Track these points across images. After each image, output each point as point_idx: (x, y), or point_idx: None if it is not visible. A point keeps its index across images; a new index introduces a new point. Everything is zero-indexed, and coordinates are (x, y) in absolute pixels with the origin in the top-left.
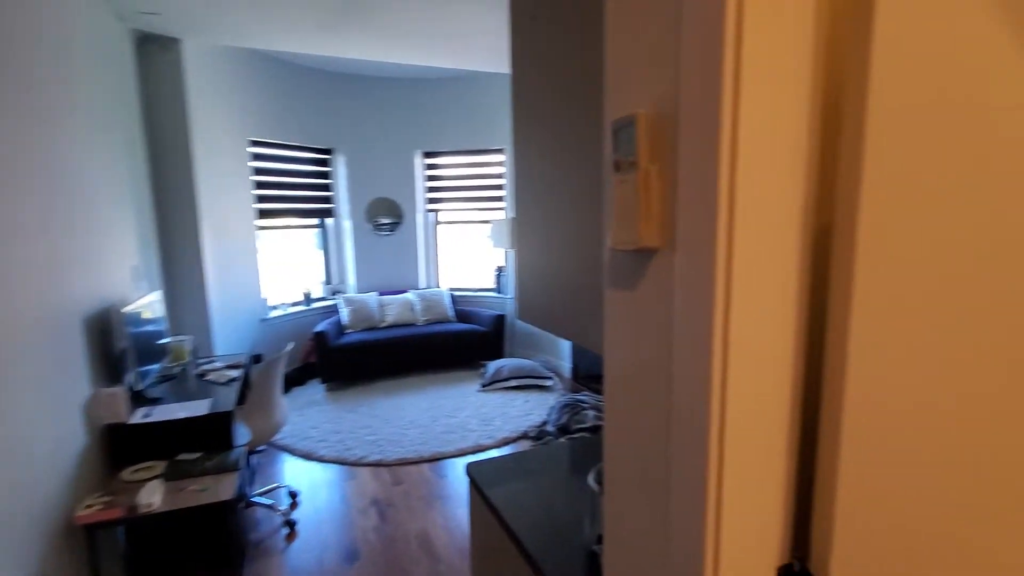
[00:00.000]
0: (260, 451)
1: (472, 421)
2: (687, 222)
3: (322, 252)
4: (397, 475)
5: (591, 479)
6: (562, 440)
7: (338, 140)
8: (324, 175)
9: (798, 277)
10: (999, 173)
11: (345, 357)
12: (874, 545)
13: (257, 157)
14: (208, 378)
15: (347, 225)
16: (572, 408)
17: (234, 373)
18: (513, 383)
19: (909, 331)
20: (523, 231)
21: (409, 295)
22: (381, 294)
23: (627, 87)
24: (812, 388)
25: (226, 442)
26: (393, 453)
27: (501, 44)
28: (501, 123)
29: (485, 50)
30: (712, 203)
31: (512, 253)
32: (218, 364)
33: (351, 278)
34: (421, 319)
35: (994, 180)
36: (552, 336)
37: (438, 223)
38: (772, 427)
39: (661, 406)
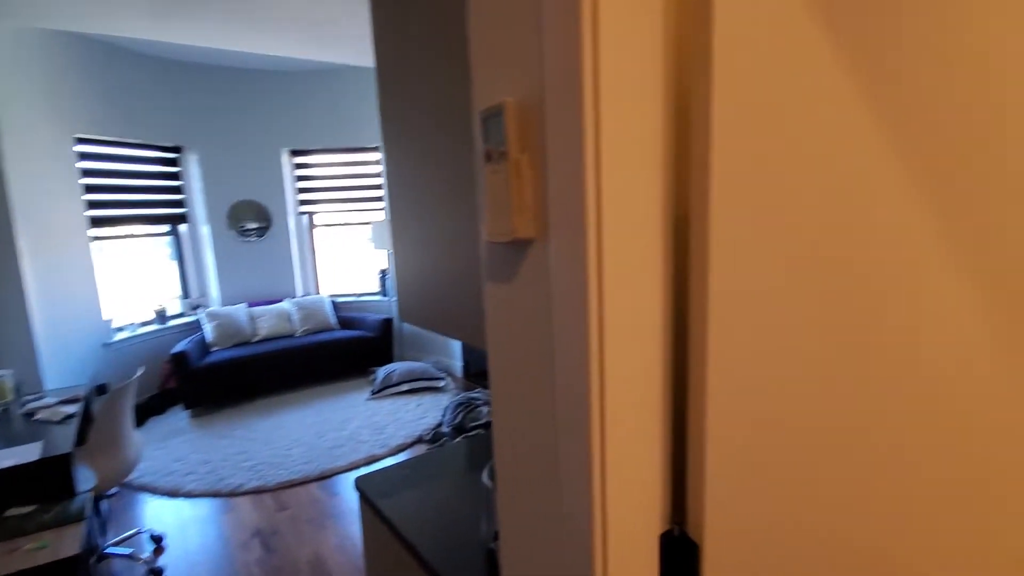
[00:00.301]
0: (112, 495)
1: (363, 431)
2: (558, 211)
3: (177, 263)
4: (282, 500)
5: (485, 476)
6: (458, 440)
7: (189, 137)
8: (173, 176)
9: (663, 263)
10: (833, 170)
11: (212, 378)
12: (741, 509)
13: (86, 157)
14: (38, 417)
15: (205, 231)
16: (466, 406)
17: (71, 409)
18: (405, 387)
19: (762, 312)
20: (399, 229)
21: (285, 304)
22: (251, 305)
23: (494, 75)
24: (682, 369)
25: (66, 489)
26: (275, 477)
27: (369, 33)
28: (376, 120)
29: (353, 41)
30: (580, 192)
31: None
32: (50, 400)
33: (214, 290)
34: (300, 329)
35: (828, 176)
36: (442, 336)
37: (313, 226)
38: (648, 406)
39: (545, 395)
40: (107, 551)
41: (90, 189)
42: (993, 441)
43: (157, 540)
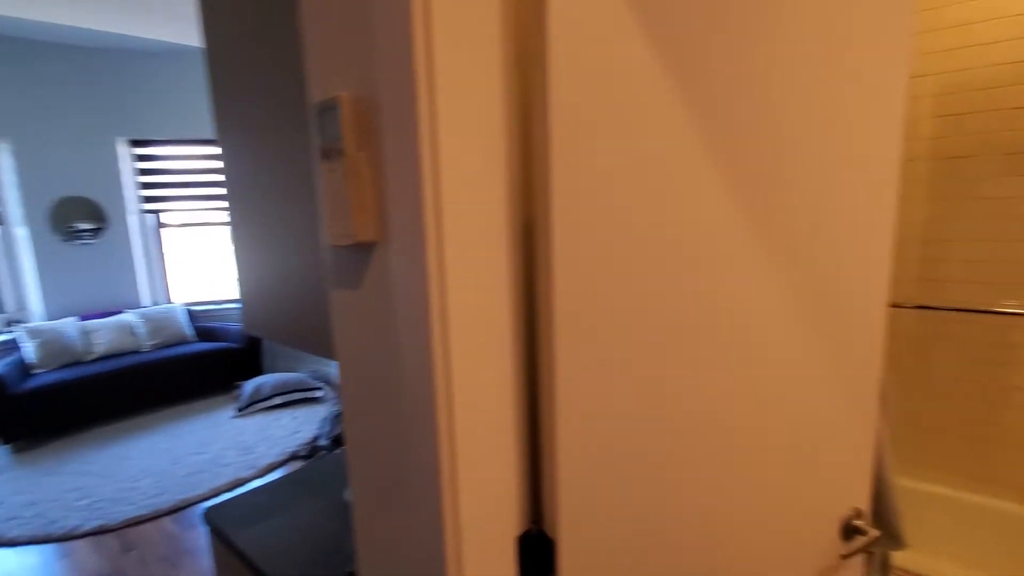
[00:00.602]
0: None
1: (227, 453)
2: (398, 213)
3: None
4: (127, 539)
5: (347, 493)
6: (337, 452)
7: None
8: None
9: (509, 266)
10: (663, 176)
11: (35, 405)
12: (593, 503)
13: None
14: None
15: (21, 233)
16: None
17: None
18: (277, 401)
19: (606, 312)
20: (240, 231)
21: (127, 316)
22: (83, 319)
23: (329, 66)
24: (534, 371)
25: None
26: (119, 514)
27: None
28: None
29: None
30: (418, 193)
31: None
32: None
33: (35, 302)
34: (147, 344)
35: (659, 181)
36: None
37: (161, 226)
38: (500, 411)
39: (395, 405)
40: None
41: None
42: (806, 425)
43: None
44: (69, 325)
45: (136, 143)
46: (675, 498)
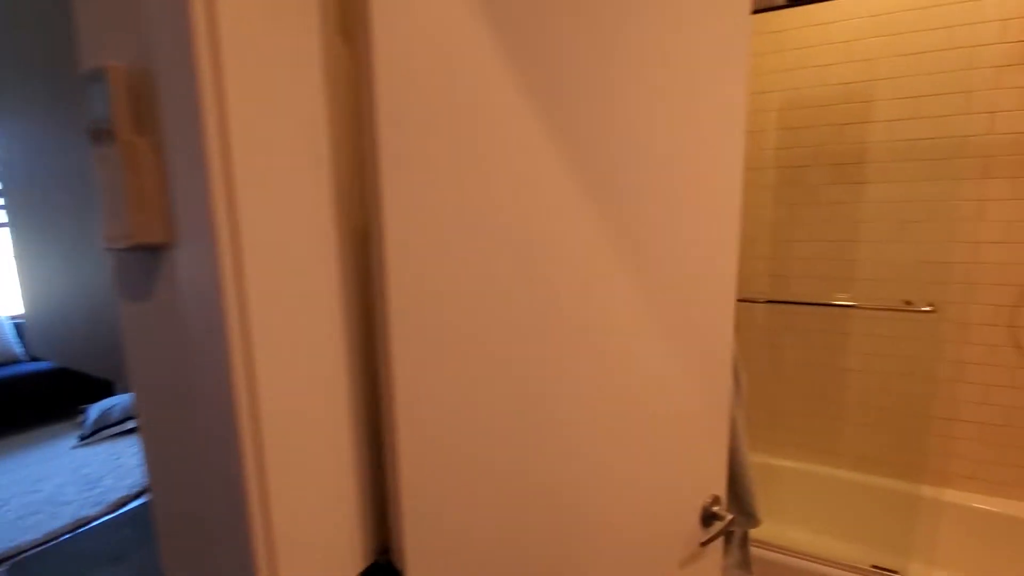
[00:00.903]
0: None
1: (67, 489)
2: (185, 210)
3: None
4: None
5: None
6: None
7: None
8: None
9: (338, 272)
10: (510, 170)
11: None
12: (441, 527)
13: None
14: None
15: None
16: None
17: None
18: (130, 425)
19: (448, 322)
20: (20, 229)
21: None
22: None
23: (100, 25)
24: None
25: None
26: None
27: None
28: None
29: None
30: (204, 188)
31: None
32: None
33: None
34: None
35: (507, 176)
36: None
37: None
38: (327, 432)
39: (198, 439)
40: None
41: None
42: (664, 419)
43: None
44: None
45: None
46: (534, 506)
